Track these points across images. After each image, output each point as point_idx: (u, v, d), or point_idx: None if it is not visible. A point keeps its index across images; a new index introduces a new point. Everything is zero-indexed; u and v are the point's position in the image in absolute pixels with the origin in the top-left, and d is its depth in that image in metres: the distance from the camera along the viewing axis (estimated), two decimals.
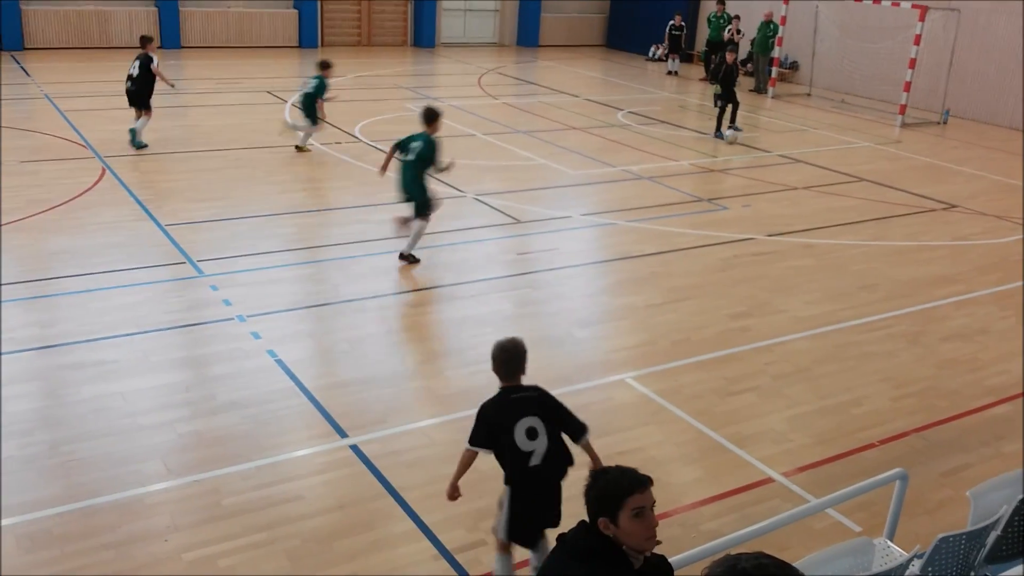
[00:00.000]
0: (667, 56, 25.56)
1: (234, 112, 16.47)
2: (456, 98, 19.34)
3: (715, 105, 16.80)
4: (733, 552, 2.26)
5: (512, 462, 4.38)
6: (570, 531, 3.26)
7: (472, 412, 4.63)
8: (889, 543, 4.47)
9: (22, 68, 19.99)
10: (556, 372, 7.26)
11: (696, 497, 5.72)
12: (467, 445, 4.53)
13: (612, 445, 6.14)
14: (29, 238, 9.44)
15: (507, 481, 4.47)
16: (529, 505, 4.43)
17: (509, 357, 4.49)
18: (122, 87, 13.48)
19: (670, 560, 3.34)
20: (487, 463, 5.86)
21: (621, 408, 6.77)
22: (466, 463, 4.56)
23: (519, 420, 4.35)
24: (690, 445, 6.29)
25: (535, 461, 4.32)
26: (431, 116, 9.16)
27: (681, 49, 25.39)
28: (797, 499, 5.70)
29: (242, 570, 4.83)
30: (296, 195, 11.74)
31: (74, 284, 8.39)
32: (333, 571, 4.86)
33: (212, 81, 19.67)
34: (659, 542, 3.16)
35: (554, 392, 6.91)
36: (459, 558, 5.00)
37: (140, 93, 13.22)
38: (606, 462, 3.62)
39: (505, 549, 4.61)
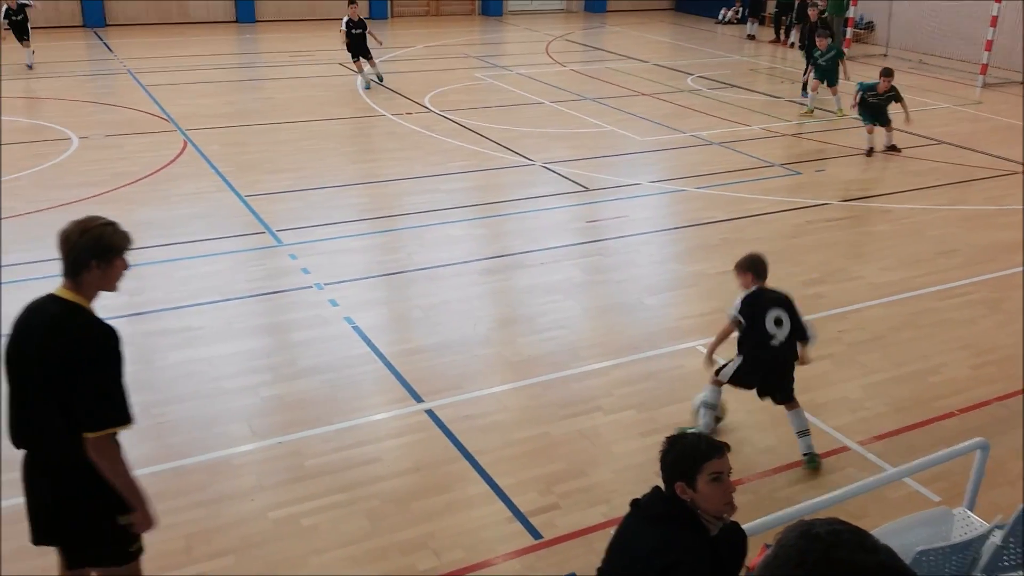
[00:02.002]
0: (746, 19, 25.02)
1: (307, 85, 16.74)
2: (524, 66, 19.29)
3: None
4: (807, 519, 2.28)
5: (757, 339, 5.57)
6: (644, 496, 3.27)
7: (543, 378, 4.74)
8: (969, 513, 4.41)
9: (105, 44, 20.62)
10: (626, 339, 7.29)
11: (769, 465, 5.72)
12: (731, 313, 5.65)
13: (683, 413, 6.16)
14: (115, 209, 9.80)
15: (740, 351, 5.69)
16: (757, 371, 5.69)
17: (759, 265, 5.75)
18: (199, 61, 13.83)
19: (744, 527, 3.37)
20: (560, 430, 5.97)
21: (691, 376, 6.76)
22: (726, 333, 5.74)
23: (771, 309, 5.59)
24: (762, 413, 6.27)
25: (775, 342, 5.56)
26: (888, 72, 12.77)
27: (760, 12, 24.82)
28: (873, 468, 5.65)
29: (324, 529, 5.03)
30: (368, 165, 11.92)
31: (159, 254, 8.72)
32: (410, 531, 5.02)
33: (286, 55, 19.98)
34: (735, 508, 3.18)
35: (625, 359, 6.99)
36: (533, 520, 5.10)
37: (353, 48, 16.30)
38: (676, 430, 3.64)
39: (719, 384, 5.80)
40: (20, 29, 17.31)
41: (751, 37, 24.43)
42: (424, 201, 10.51)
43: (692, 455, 3.15)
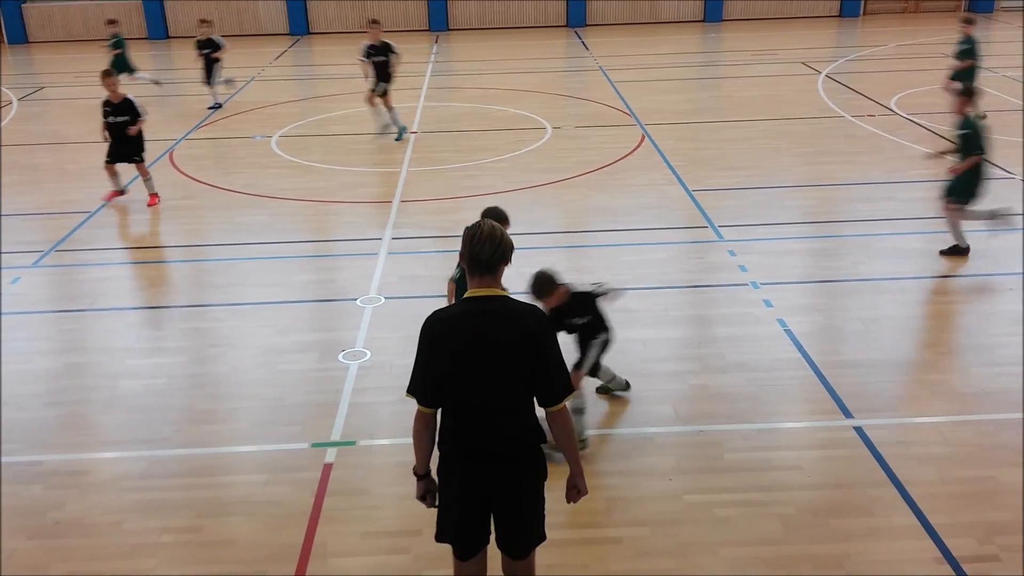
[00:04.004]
0: None
1: (766, 84, 16.62)
2: (1013, 68, 17.13)
3: None
4: None
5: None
6: None
7: (997, 416, 4.28)
8: None
9: (582, 43, 22.48)
10: None
11: None
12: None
13: None
14: (577, 194, 10.73)
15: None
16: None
17: (537, 285, 5.40)
18: (664, 60, 14.42)
19: None
20: (1012, 478, 5.33)
21: None
22: None
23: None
24: None
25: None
26: None
27: None
28: None
29: (736, 523, 5.05)
30: (821, 167, 11.53)
31: (609, 238, 9.36)
32: (826, 546, 4.84)
33: (748, 53, 20.04)
34: None
35: None
36: (966, 568, 4.62)
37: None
38: None
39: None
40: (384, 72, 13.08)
41: None
42: (877, 209, 9.91)
43: None
